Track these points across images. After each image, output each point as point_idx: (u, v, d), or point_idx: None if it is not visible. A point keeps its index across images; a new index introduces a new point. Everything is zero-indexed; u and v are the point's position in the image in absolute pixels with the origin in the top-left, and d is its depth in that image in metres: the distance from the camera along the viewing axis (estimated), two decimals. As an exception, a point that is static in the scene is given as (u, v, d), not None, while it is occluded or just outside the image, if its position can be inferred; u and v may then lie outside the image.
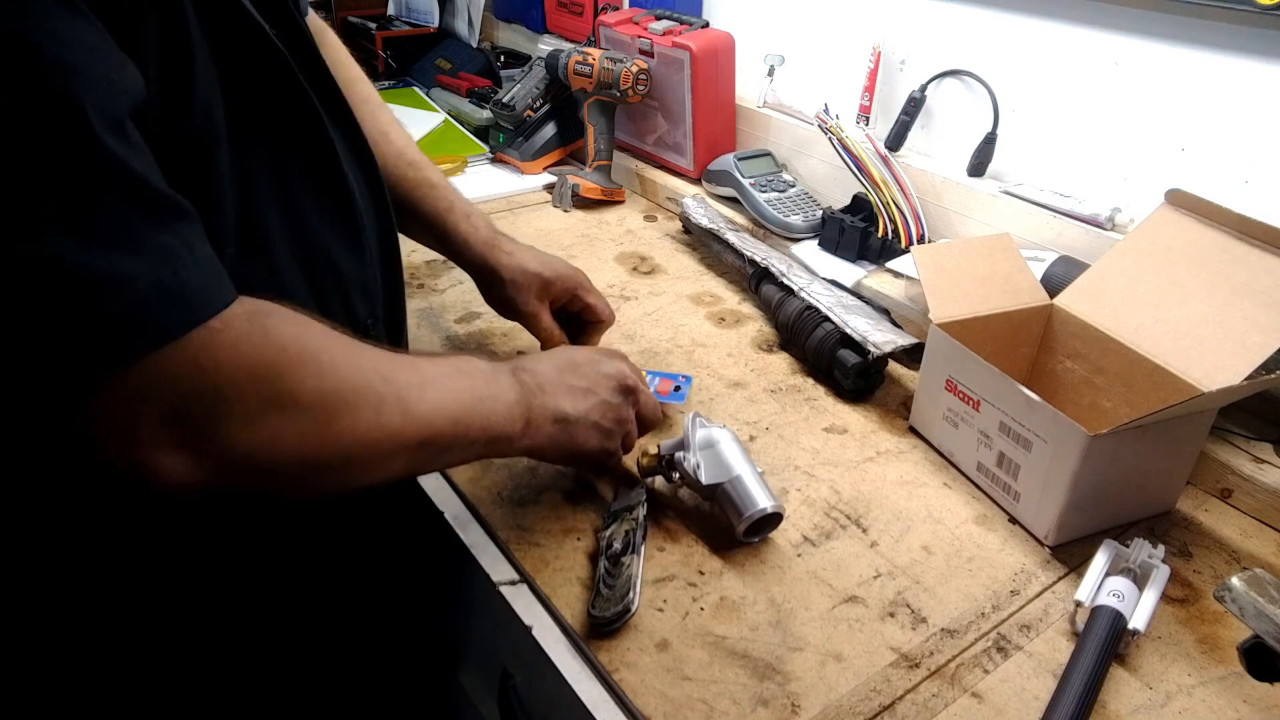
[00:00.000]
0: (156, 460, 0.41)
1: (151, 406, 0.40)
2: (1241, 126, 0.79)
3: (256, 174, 0.51)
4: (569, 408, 0.62)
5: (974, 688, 0.56)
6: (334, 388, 0.47)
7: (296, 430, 0.46)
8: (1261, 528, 0.71)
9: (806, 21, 1.17)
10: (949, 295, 0.75)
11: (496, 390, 0.58)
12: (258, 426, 0.44)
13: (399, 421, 0.50)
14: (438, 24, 1.74)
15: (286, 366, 0.45)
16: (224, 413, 0.43)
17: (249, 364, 0.43)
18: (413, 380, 0.52)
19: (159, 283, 0.40)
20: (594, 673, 0.56)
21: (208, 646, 0.60)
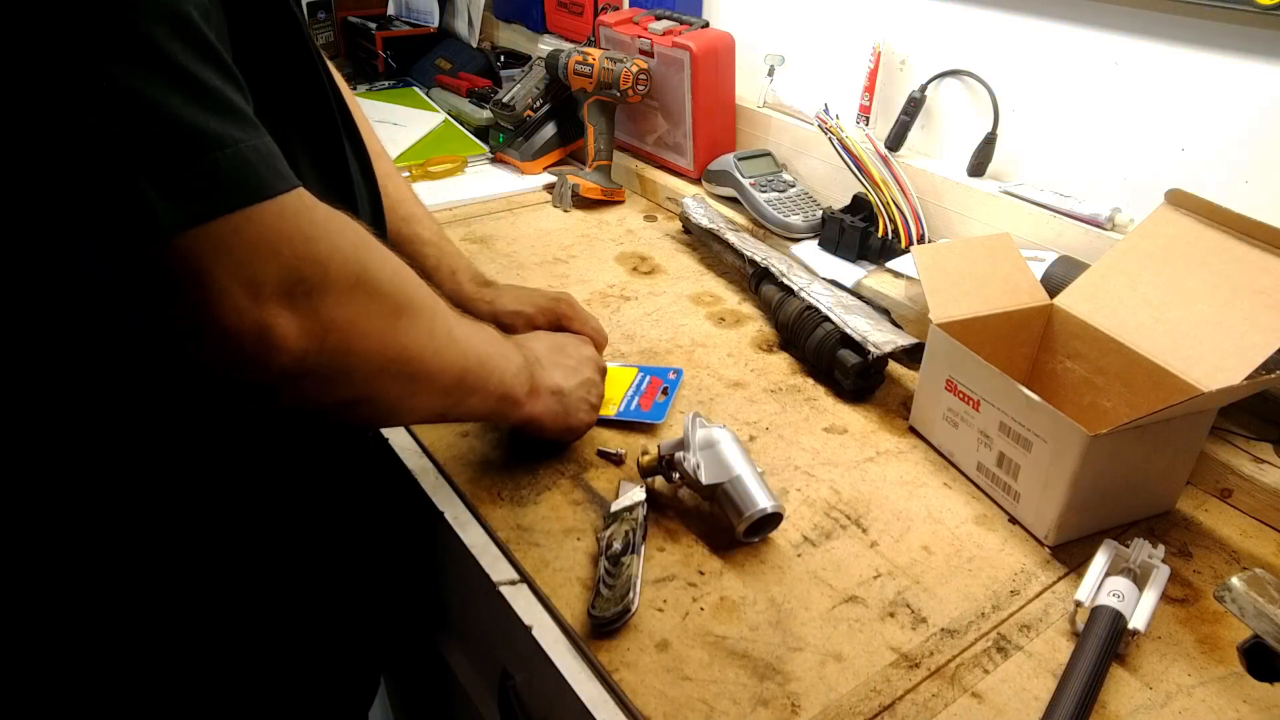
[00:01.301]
0: (275, 318, 0.43)
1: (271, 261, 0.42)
2: (1241, 126, 0.79)
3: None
4: (564, 382, 0.69)
5: (974, 688, 0.56)
6: (403, 283, 0.51)
7: (376, 314, 0.48)
8: (1261, 528, 0.71)
9: (806, 21, 1.17)
10: (949, 295, 0.75)
11: (507, 351, 0.63)
12: (350, 300, 0.47)
13: (446, 342, 0.54)
14: (438, 24, 1.74)
15: (369, 251, 0.48)
16: (325, 281, 0.45)
17: (341, 241, 0.46)
18: (451, 310, 0.57)
19: (255, 148, 0.42)
20: (594, 673, 0.56)
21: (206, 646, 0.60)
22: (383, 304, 0.49)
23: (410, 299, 0.52)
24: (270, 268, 0.42)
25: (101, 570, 0.54)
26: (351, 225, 0.48)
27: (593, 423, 0.73)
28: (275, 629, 0.64)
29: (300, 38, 0.54)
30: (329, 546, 0.67)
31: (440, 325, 0.54)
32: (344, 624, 0.71)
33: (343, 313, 0.46)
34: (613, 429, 0.77)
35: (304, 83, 0.56)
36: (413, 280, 0.53)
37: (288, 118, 0.54)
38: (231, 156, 0.41)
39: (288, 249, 0.43)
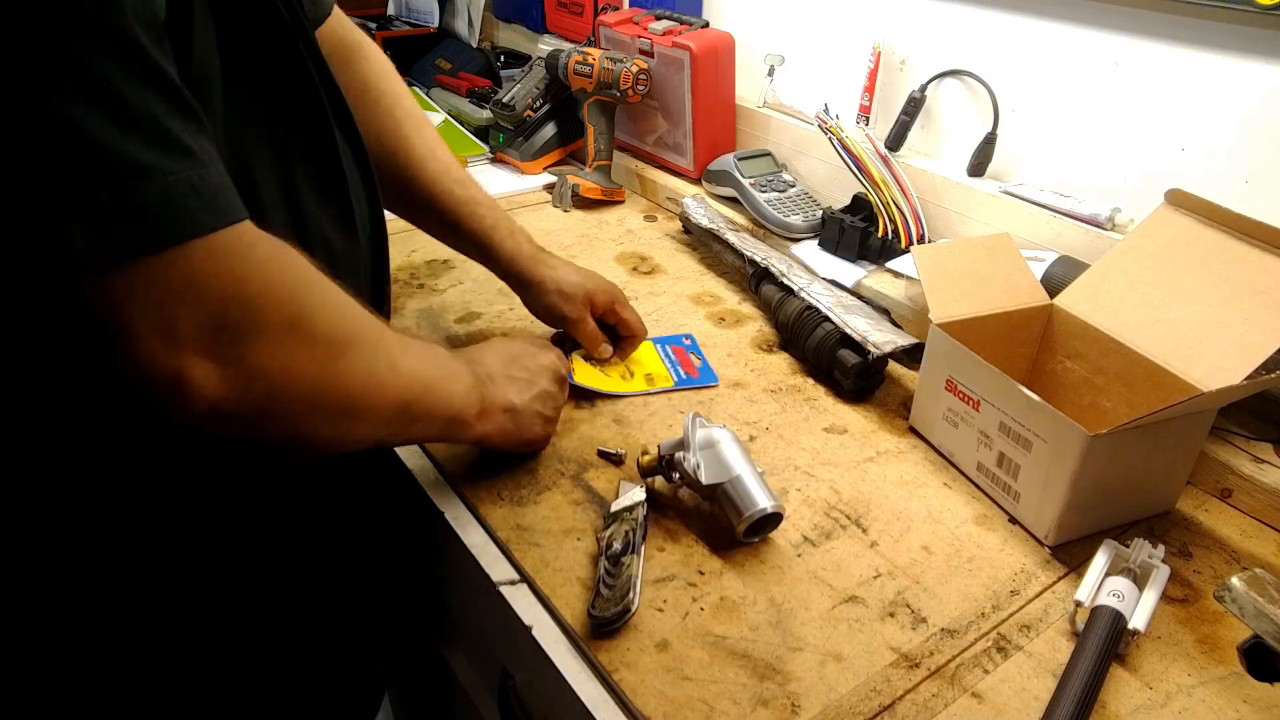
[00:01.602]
0: (191, 368, 0.42)
1: (190, 306, 0.41)
2: (1241, 126, 0.79)
3: (251, 136, 0.51)
4: (515, 398, 0.67)
5: (974, 688, 0.56)
6: (342, 325, 0.50)
7: (310, 359, 0.47)
8: (1261, 528, 0.71)
9: (806, 21, 1.17)
10: (949, 295, 0.75)
11: (456, 373, 0.62)
12: (280, 347, 0.45)
13: (388, 374, 0.53)
14: (438, 24, 1.74)
15: (308, 294, 0.47)
16: (254, 326, 0.44)
17: (278, 283, 0.45)
18: (396, 341, 0.56)
19: (189, 180, 0.40)
20: (594, 673, 0.56)
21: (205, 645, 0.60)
22: (318, 346, 0.48)
23: (350, 337, 0.50)
24: (191, 313, 0.41)
25: (102, 573, 0.54)
26: (295, 264, 0.47)
27: (549, 435, 0.72)
28: (278, 631, 0.64)
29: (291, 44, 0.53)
30: (330, 546, 0.67)
31: (381, 360, 0.53)
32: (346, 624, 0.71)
33: (271, 359, 0.45)
34: (611, 429, 0.77)
35: (298, 89, 0.55)
36: (356, 316, 0.52)
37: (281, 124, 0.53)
38: (159, 189, 0.39)
39: (213, 293, 0.42)
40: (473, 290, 0.99)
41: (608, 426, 0.78)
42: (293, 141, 0.55)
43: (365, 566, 0.74)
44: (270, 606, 0.63)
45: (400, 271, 1.03)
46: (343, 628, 0.71)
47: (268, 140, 0.53)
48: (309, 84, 0.55)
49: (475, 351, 0.68)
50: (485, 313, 0.95)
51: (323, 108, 0.56)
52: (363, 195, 0.63)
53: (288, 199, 0.55)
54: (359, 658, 0.75)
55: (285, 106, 0.54)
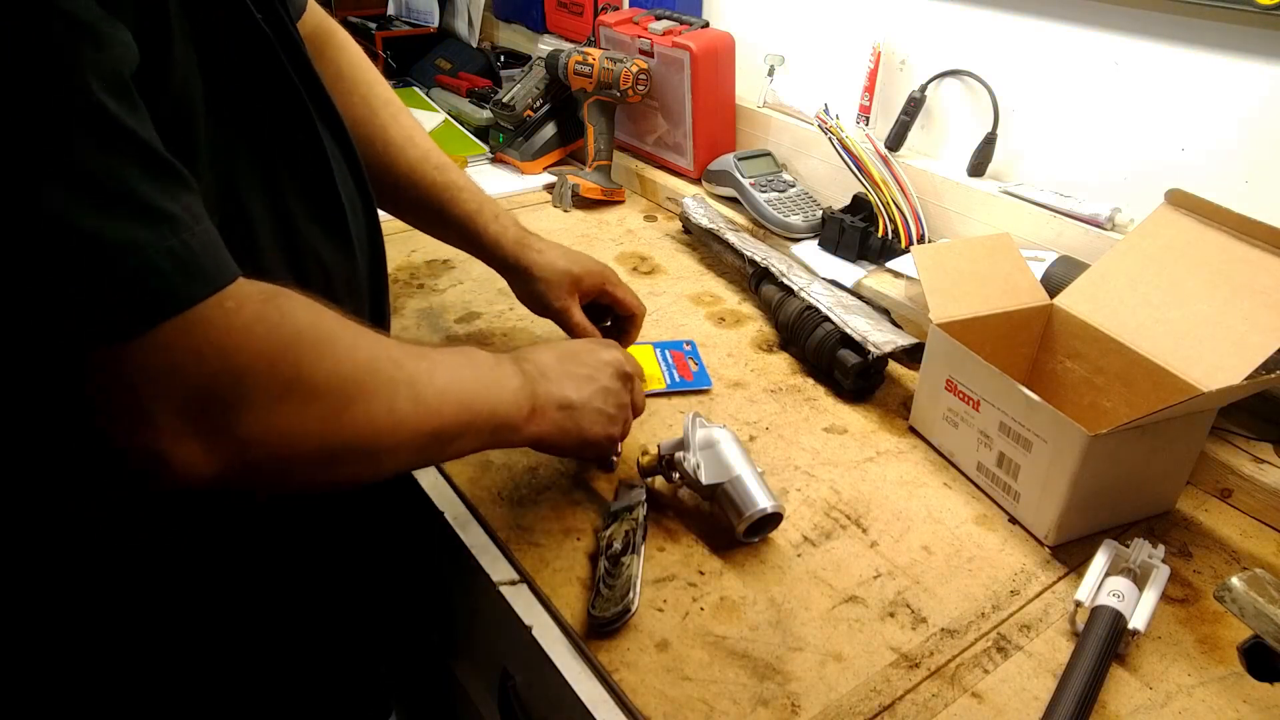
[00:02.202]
0: (172, 448, 0.39)
1: (169, 388, 0.39)
2: (1241, 126, 0.79)
3: (238, 161, 0.50)
4: (573, 394, 0.62)
5: (974, 688, 0.56)
6: (350, 373, 0.46)
7: (314, 417, 0.45)
8: (1261, 528, 0.71)
9: (806, 21, 1.17)
10: (949, 295, 0.75)
11: (501, 377, 0.58)
12: (276, 413, 0.43)
13: (411, 408, 0.50)
14: (438, 24, 1.74)
15: (303, 350, 0.44)
16: (243, 398, 0.41)
17: (267, 346, 0.42)
18: (422, 366, 0.52)
19: (169, 250, 0.38)
20: (594, 673, 0.56)
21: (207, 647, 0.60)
22: (322, 402, 0.45)
23: (360, 383, 0.47)
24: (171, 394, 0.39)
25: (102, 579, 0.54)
26: (288, 319, 0.44)
27: (614, 436, 0.66)
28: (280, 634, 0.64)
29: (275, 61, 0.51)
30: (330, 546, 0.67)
31: (402, 395, 0.49)
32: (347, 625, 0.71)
33: (268, 426, 0.42)
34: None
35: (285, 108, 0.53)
36: (366, 358, 0.48)
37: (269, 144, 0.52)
38: (133, 270, 0.37)
39: (194, 370, 0.39)
40: (473, 290, 0.99)
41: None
42: (282, 162, 0.53)
43: (366, 567, 0.74)
44: (272, 609, 0.63)
45: (400, 271, 1.03)
46: (344, 629, 0.71)
47: (256, 163, 0.51)
48: (297, 102, 0.53)
49: (527, 350, 0.64)
50: (485, 312, 0.95)
51: (312, 125, 0.55)
52: (359, 208, 0.62)
53: (279, 221, 0.53)
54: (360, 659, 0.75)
55: (273, 127, 0.52)
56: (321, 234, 0.57)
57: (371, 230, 0.64)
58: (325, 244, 0.57)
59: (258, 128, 0.51)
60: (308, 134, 0.54)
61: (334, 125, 0.59)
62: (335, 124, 0.60)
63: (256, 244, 0.52)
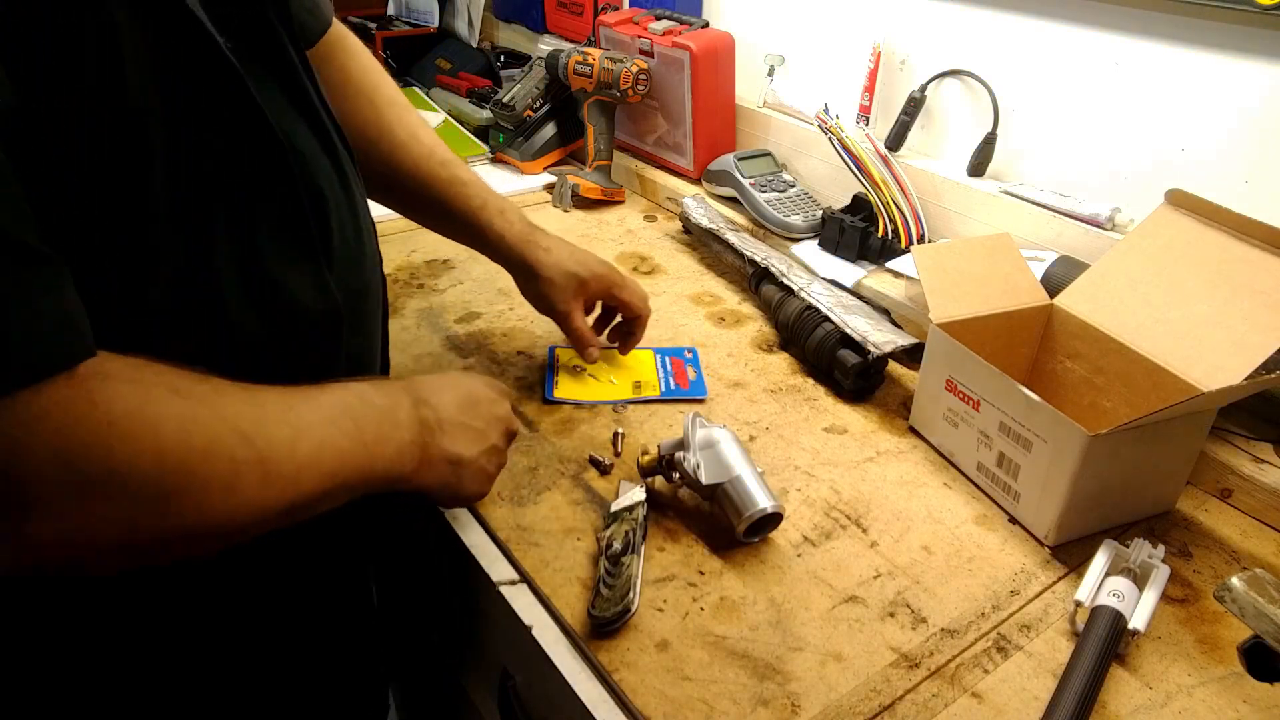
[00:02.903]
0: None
1: None
2: (1241, 126, 0.79)
3: (200, 194, 0.46)
4: (464, 450, 0.61)
5: (974, 688, 0.56)
6: (174, 463, 0.42)
7: (122, 515, 0.40)
8: (1261, 528, 0.71)
9: (806, 21, 1.17)
10: (949, 295, 0.75)
11: (389, 432, 0.55)
12: (69, 515, 0.39)
13: (257, 490, 0.45)
14: (438, 24, 1.74)
15: (113, 443, 0.39)
16: (31, 499, 0.37)
17: (65, 442, 0.38)
18: (281, 436, 0.47)
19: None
20: (594, 673, 0.56)
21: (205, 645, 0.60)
22: (133, 499, 0.40)
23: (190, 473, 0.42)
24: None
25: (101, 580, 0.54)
26: (100, 408, 0.39)
27: (485, 494, 0.66)
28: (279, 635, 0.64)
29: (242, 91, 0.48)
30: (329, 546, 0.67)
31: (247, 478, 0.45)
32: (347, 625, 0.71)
33: (59, 527, 0.38)
34: (610, 430, 0.77)
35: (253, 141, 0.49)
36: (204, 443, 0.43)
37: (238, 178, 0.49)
38: None
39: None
40: (473, 290, 0.99)
41: (608, 427, 0.78)
42: (253, 200, 0.50)
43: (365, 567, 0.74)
44: (271, 609, 0.63)
45: (400, 271, 1.03)
46: (344, 629, 0.71)
47: (221, 199, 0.48)
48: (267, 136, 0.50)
49: (432, 390, 0.60)
50: (485, 312, 0.95)
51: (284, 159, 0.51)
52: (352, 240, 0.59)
53: (245, 260, 0.50)
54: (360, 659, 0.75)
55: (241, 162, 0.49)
56: (290, 267, 0.53)
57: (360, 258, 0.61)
58: (295, 277, 0.53)
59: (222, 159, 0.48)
60: (279, 169, 0.51)
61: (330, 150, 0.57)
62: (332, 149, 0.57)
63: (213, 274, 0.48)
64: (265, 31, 0.52)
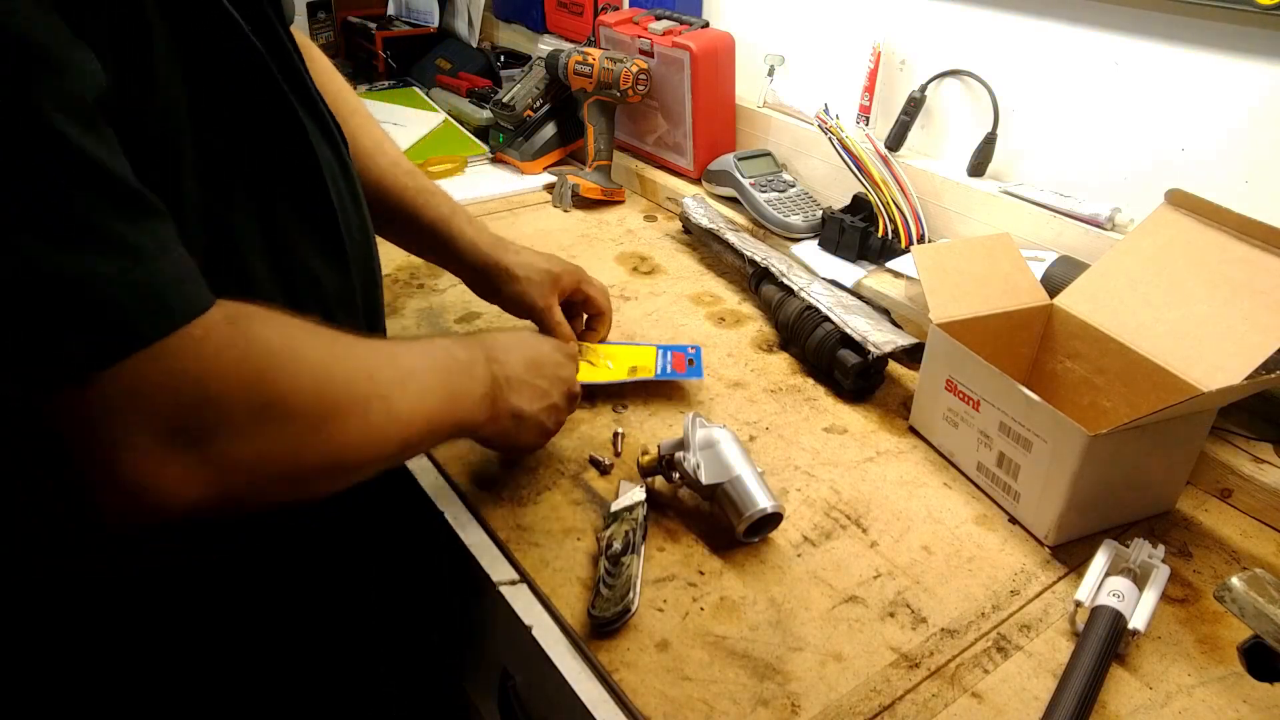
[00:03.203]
0: (153, 477, 0.39)
1: (145, 419, 0.39)
2: (1241, 126, 0.79)
3: (227, 180, 0.49)
4: (527, 406, 0.65)
5: (974, 688, 0.56)
6: (324, 391, 0.46)
7: (291, 435, 0.45)
8: (1261, 528, 0.71)
9: (806, 21, 1.17)
10: (949, 295, 0.75)
11: (470, 385, 0.59)
12: (250, 437, 0.43)
13: (383, 422, 0.50)
14: (438, 24, 1.74)
15: (274, 373, 0.44)
16: (220, 424, 0.41)
17: (237, 372, 0.42)
18: (395, 378, 0.52)
19: (131, 284, 0.37)
20: (594, 673, 0.56)
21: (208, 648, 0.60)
22: (296, 423, 0.45)
23: (335, 403, 0.47)
24: (143, 425, 0.38)
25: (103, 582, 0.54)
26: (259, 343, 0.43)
27: (539, 446, 0.71)
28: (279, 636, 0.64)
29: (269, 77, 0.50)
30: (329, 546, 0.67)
31: (376, 412, 0.49)
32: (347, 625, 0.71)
33: (244, 450, 0.42)
34: (610, 430, 0.77)
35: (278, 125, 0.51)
36: (342, 376, 0.48)
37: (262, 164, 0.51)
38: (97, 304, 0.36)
39: (166, 399, 0.39)
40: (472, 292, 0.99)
41: (608, 427, 0.78)
42: (274, 178, 0.52)
43: (365, 567, 0.74)
44: (271, 609, 0.63)
45: (400, 271, 1.03)
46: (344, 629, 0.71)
47: (247, 179, 0.50)
48: (289, 115, 0.52)
49: (502, 346, 0.64)
50: (486, 312, 0.95)
51: (305, 138, 0.53)
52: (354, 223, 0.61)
53: (270, 238, 0.52)
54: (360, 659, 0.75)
55: (264, 142, 0.51)
56: (314, 250, 0.56)
57: (366, 244, 0.63)
58: (318, 260, 0.56)
59: (248, 143, 0.49)
60: (300, 148, 0.53)
61: (330, 138, 0.58)
62: (331, 137, 0.58)
63: (245, 260, 0.51)
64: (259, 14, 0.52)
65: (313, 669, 0.68)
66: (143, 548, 0.54)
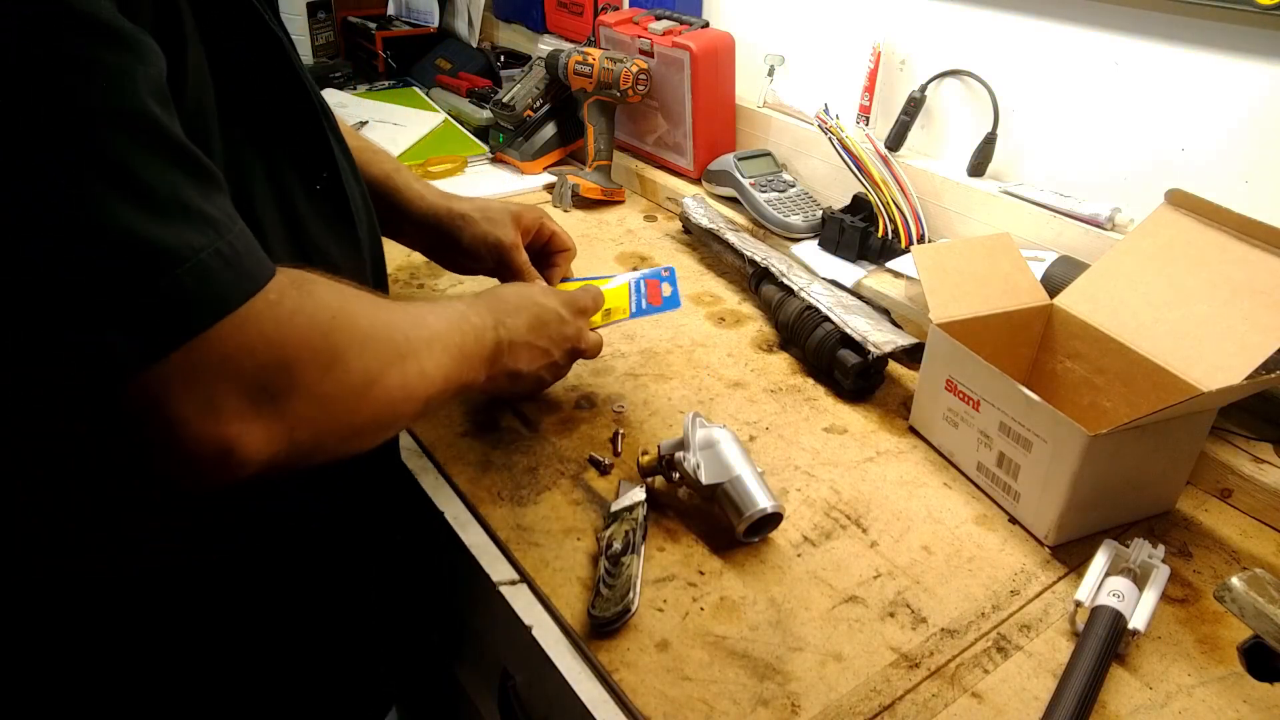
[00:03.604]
0: (240, 436, 0.41)
1: (231, 381, 0.41)
2: (1241, 126, 0.79)
3: (248, 166, 0.50)
4: (524, 365, 0.67)
5: (974, 688, 0.56)
6: (375, 349, 0.49)
7: (349, 392, 0.47)
8: (1261, 528, 0.71)
9: (806, 21, 1.17)
10: (949, 295, 0.75)
11: (476, 349, 0.61)
12: (318, 394, 0.45)
13: (416, 379, 0.53)
14: (438, 24, 1.74)
15: (337, 332, 0.47)
16: (293, 383, 0.44)
17: (309, 333, 0.45)
18: (425, 338, 0.55)
19: (218, 252, 0.40)
20: (594, 673, 0.56)
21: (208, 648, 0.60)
22: (354, 378, 0.47)
23: (384, 360, 0.50)
24: (232, 386, 0.41)
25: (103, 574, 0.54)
26: (321, 306, 0.46)
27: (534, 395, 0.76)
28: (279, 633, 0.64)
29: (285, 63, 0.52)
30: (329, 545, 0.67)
31: (412, 370, 0.52)
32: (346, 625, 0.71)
33: (313, 406, 0.45)
34: (610, 430, 0.77)
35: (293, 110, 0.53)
36: (387, 334, 0.51)
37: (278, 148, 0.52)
38: (192, 271, 0.38)
39: (250, 361, 0.41)
40: (472, 289, 0.99)
41: (608, 427, 0.78)
42: (290, 162, 0.53)
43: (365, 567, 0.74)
44: (272, 609, 0.63)
45: (400, 271, 1.03)
46: (344, 629, 0.71)
47: (265, 164, 0.52)
48: (304, 101, 0.53)
49: (510, 311, 0.65)
50: (485, 313, 0.95)
51: (319, 123, 0.55)
52: (360, 203, 0.62)
53: (289, 222, 0.54)
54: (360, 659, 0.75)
55: (280, 127, 0.52)
56: (329, 232, 0.57)
57: (371, 223, 0.65)
58: (333, 242, 0.58)
59: (266, 128, 0.51)
60: (315, 132, 0.55)
61: (331, 121, 0.59)
62: (331, 119, 0.59)
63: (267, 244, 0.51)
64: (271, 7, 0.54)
65: (313, 668, 0.68)
66: (143, 548, 0.54)
